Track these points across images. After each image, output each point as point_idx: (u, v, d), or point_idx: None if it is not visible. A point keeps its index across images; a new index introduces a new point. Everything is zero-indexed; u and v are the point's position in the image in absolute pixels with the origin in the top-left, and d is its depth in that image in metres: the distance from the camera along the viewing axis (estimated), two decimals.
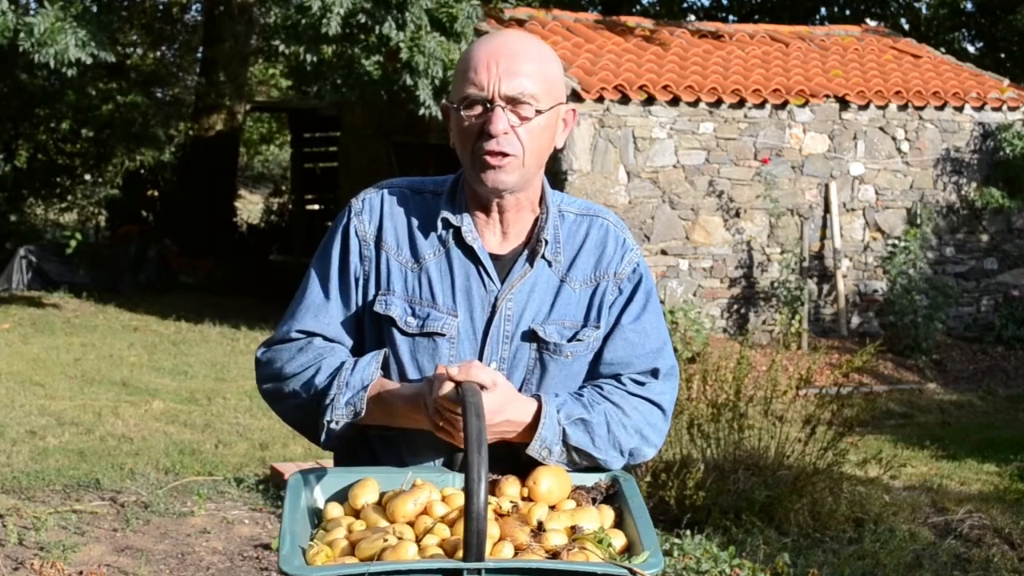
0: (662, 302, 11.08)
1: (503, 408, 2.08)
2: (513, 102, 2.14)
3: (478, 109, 2.15)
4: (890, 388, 10.35)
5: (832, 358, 10.57)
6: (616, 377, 2.25)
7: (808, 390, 7.26)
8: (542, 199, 2.27)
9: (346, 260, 2.24)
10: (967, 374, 11.08)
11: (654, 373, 2.27)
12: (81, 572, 5.09)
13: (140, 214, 17.88)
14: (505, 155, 2.14)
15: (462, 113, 2.16)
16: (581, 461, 2.17)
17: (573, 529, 2.02)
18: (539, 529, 1.99)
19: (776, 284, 11.43)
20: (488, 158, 2.14)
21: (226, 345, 11.46)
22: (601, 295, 2.26)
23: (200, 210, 17.00)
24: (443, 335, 2.19)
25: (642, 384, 2.25)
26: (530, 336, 2.21)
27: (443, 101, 2.24)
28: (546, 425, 2.12)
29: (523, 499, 2.10)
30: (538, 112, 2.15)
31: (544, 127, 2.18)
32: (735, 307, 11.56)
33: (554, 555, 1.94)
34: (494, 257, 2.22)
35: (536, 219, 2.26)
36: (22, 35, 10.50)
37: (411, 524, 2.00)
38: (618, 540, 2.03)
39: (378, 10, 10.35)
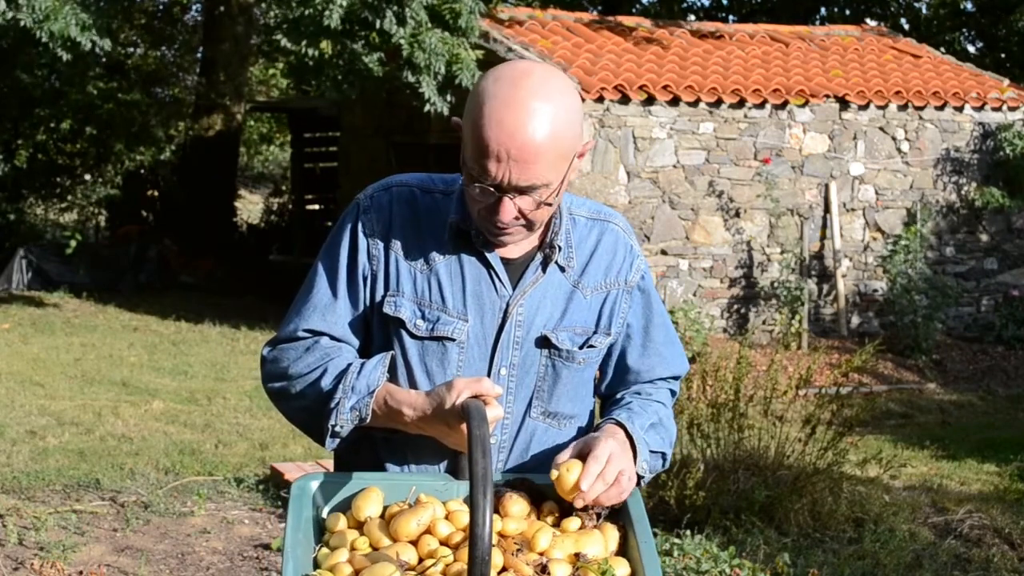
0: (662, 302, 11.09)
1: (626, 461, 2.09)
2: (523, 191, 2.05)
3: (487, 190, 2.05)
4: (890, 388, 10.35)
5: (832, 358, 10.57)
6: (650, 382, 2.32)
7: (808, 390, 7.26)
8: None
9: (354, 258, 2.19)
10: (967, 374, 11.08)
11: (677, 377, 2.36)
12: (81, 572, 5.09)
13: (140, 214, 17.87)
14: (512, 231, 2.12)
15: (468, 186, 2.08)
16: (654, 462, 2.20)
17: (577, 556, 1.97)
18: (542, 572, 1.94)
19: (776, 284, 11.43)
20: (495, 229, 2.11)
21: (226, 345, 11.46)
22: (612, 303, 2.24)
23: (200, 210, 17.00)
24: (453, 340, 2.15)
25: (673, 392, 2.36)
26: (543, 342, 2.19)
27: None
28: (640, 449, 2.14)
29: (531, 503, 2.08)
30: (547, 199, 2.07)
31: (556, 194, 2.10)
32: (735, 307, 11.56)
33: None
34: (505, 261, 2.18)
35: (548, 223, 2.21)
36: (24, 10, 10.53)
37: (414, 543, 1.97)
38: (622, 570, 1.98)
39: (379, 3, 10.33)
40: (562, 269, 2.20)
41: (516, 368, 2.18)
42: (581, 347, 2.20)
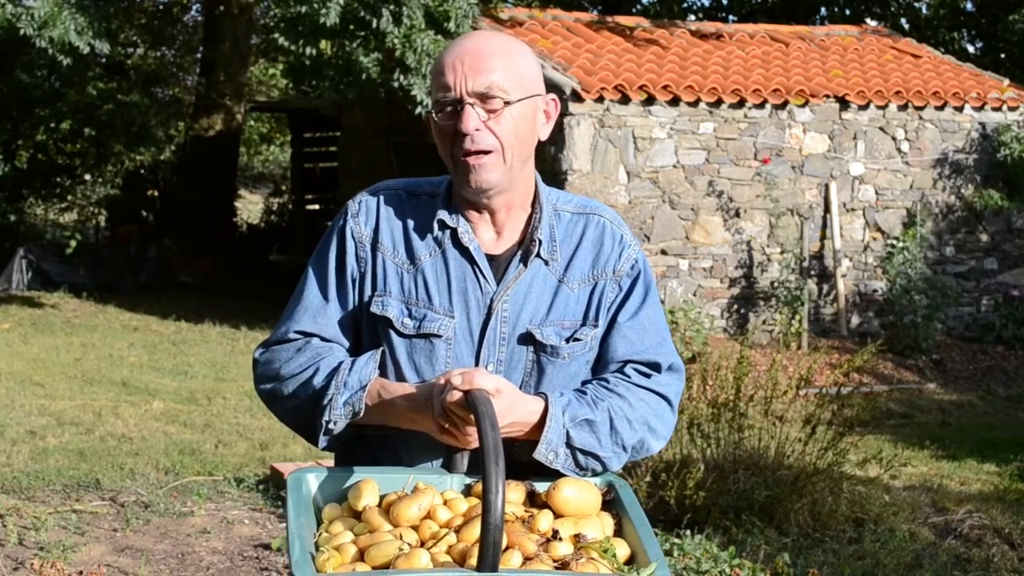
0: (662, 302, 11.09)
1: (509, 412, 2.07)
2: (482, 98, 2.12)
3: (450, 110, 2.14)
4: (890, 388, 10.34)
5: (832, 358, 10.57)
6: (620, 369, 2.23)
7: (808, 390, 7.26)
8: (536, 197, 2.25)
9: (343, 261, 2.24)
10: (967, 374, 11.08)
11: (656, 367, 2.25)
12: (81, 572, 5.09)
13: (140, 214, 17.87)
14: (483, 152, 2.13)
15: (435, 117, 2.16)
16: (587, 462, 2.15)
17: (577, 537, 2.01)
18: (553, 537, 1.97)
19: (776, 284, 11.43)
20: (467, 159, 2.13)
21: (226, 345, 11.46)
22: (600, 293, 2.24)
23: (200, 210, 16.99)
24: (440, 336, 2.18)
25: (647, 376, 2.24)
26: (527, 338, 2.20)
27: (426, 112, 2.26)
28: (552, 428, 2.10)
29: (537, 504, 2.09)
30: (508, 104, 2.13)
31: (519, 118, 2.15)
32: (735, 307, 11.56)
33: (562, 565, 1.93)
34: (490, 258, 2.21)
35: (529, 218, 2.24)
36: (23, 19, 10.55)
37: (415, 528, 1.99)
38: (621, 549, 2.02)
39: (377, 3, 10.32)
40: (546, 263, 2.22)
41: (503, 364, 2.19)
42: (567, 341, 2.20)
